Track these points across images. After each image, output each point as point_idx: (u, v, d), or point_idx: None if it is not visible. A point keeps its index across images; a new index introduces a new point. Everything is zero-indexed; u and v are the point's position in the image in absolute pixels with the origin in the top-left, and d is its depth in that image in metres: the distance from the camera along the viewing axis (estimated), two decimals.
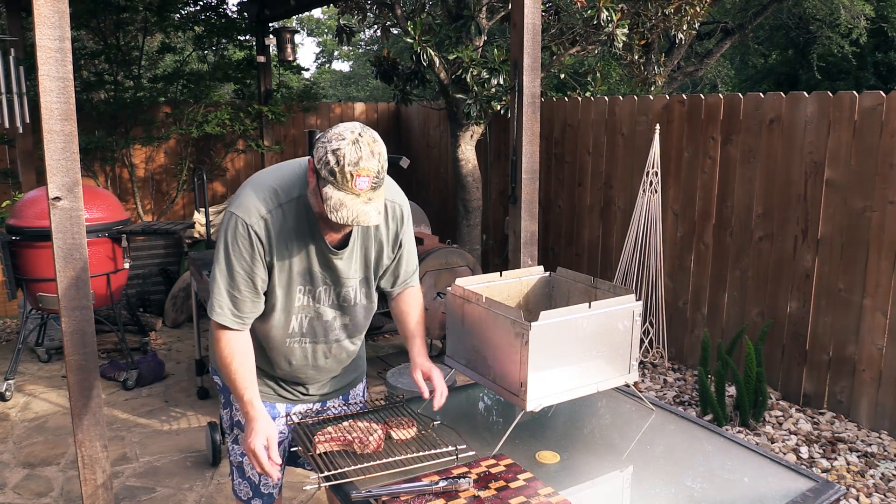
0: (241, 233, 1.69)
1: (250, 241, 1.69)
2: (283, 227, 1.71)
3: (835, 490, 1.57)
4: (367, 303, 1.92)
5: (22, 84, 4.44)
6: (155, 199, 6.94)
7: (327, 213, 1.57)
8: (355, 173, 1.55)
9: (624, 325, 1.80)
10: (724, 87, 13.46)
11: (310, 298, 1.81)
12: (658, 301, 4.49)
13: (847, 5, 10.09)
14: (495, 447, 1.71)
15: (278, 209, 1.70)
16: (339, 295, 1.84)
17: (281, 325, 1.84)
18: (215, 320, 1.75)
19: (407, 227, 1.91)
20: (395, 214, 1.86)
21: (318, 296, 1.82)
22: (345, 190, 1.56)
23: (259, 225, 1.69)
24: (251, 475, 2.03)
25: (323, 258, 1.77)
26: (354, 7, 5.84)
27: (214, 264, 1.75)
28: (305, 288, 1.79)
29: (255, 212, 1.69)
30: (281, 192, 1.71)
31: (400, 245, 1.91)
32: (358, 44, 21.24)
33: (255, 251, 1.70)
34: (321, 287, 1.81)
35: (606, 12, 4.44)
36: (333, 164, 1.55)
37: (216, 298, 1.74)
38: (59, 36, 2.03)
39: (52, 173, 2.08)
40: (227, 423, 2.07)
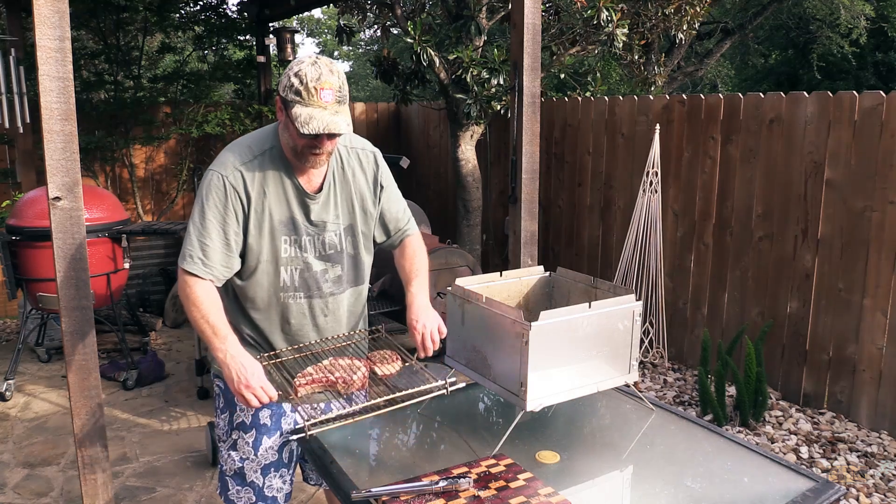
0: (215, 184, 1.76)
1: (224, 192, 1.76)
2: (259, 177, 1.79)
3: (835, 490, 1.57)
4: (354, 252, 1.94)
5: (22, 84, 4.45)
6: (155, 199, 6.94)
7: (299, 129, 1.66)
8: (319, 87, 1.67)
9: (624, 325, 1.80)
10: (724, 87, 13.46)
11: (296, 248, 1.85)
12: (658, 301, 4.49)
13: (847, 5, 10.09)
14: (495, 447, 1.71)
15: (253, 161, 1.79)
16: (323, 243, 1.88)
17: (270, 279, 1.85)
18: (183, 268, 1.75)
19: (384, 170, 1.97)
20: (369, 160, 1.95)
21: (304, 245, 1.85)
22: (312, 105, 1.67)
23: (235, 175, 1.77)
24: (254, 479, 1.97)
25: (302, 205, 1.84)
26: (354, 7, 5.84)
27: (189, 219, 1.79)
28: (291, 238, 1.84)
29: (230, 165, 1.78)
30: (255, 146, 1.81)
31: (381, 187, 1.96)
32: (358, 44, 21.25)
33: (229, 201, 1.76)
34: (305, 236, 1.85)
35: (606, 12, 4.44)
36: (297, 84, 1.67)
37: (186, 247, 1.76)
38: (59, 36, 2.03)
39: (52, 173, 2.08)
40: (224, 429, 2.00)
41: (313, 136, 1.70)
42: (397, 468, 1.69)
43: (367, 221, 1.95)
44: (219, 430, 2.03)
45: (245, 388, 1.63)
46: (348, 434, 1.89)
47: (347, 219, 1.91)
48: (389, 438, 1.91)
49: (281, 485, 1.99)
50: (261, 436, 1.94)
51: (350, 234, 1.92)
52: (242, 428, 1.95)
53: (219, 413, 2.02)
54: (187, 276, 1.76)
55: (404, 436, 1.92)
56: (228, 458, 1.98)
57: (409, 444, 1.88)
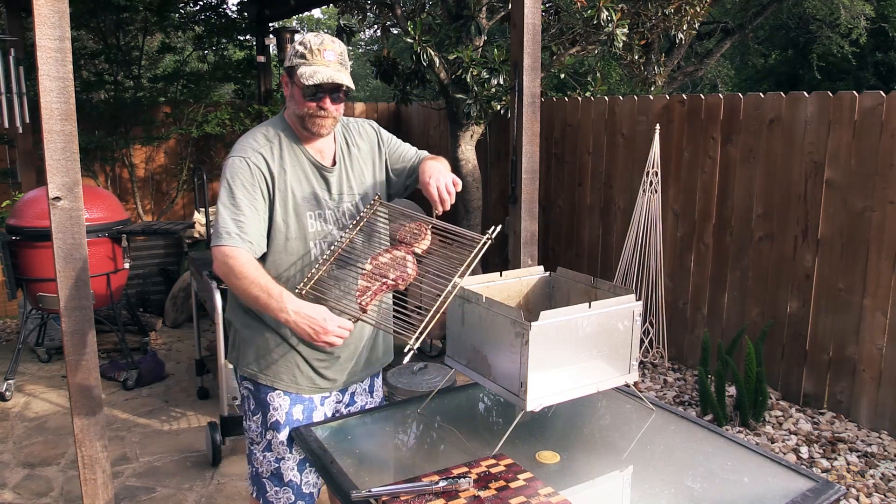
0: (239, 166, 1.83)
1: (250, 171, 1.82)
2: (278, 158, 1.87)
3: (835, 490, 1.57)
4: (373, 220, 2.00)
5: (22, 84, 4.44)
6: (155, 199, 6.94)
7: (304, 83, 1.78)
8: (322, 48, 1.81)
9: (624, 325, 1.80)
10: (724, 87, 13.46)
11: (321, 222, 1.92)
12: (658, 301, 4.49)
13: (847, 5, 10.09)
14: (495, 447, 1.71)
15: (268, 144, 1.88)
16: (343, 214, 1.96)
17: (301, 254, 1.90)
18: (223, 244, 1.76)
19: (383, 133, 2.09)
20: (367, 130, 2.07)
21: (328, 218, 1.93)
22: (315, 63, 1.80)
23: (256, 157, 1.84)
24: (292, 477, 1.97)
25: (321, 179, 1.93)
26: (354, 7, 5.84)
27: (218, 204, 1.83)
28: (315, 213, 1.91)
29: (249, 149, 1.86)
30: (268, 133, 1.90)
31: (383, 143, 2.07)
32: (358, 44, 21.25)
33: (255, 180, 1.82)
34: (327, 210, 1.93)
35: (606, 12, 4.44)
36: (301, 49, 1.81)
37: (219, 227, 1.79)
38: (59, 36, 2.03)
39: (52, 173, 2.08)
40: (258, 430, 1.99)
41: (318, 95, 1.81)
42: (397, 468, 1.69)
43: (379, 186, 2.05)
44: (251, 433, 2.01)
45: (325, 335, 1.67)
46: (348, 434, 1.89)
47: (361, 188, 2.00)
48: (389, 438, 1.91)
49: (315, 479, 2.03)
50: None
51: (366, 201, 2.00)
52: (276, 427, 1.96)
53: (249, 416, 2.01)
54: (225, 250, 1.76)
55: (404, 436, 1.92)
56: (264, 459, 1.99)
57: (409, 444, 1.88)
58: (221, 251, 1.77)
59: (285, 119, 1.93)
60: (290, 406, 1.97)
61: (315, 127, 1.87)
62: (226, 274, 1.77)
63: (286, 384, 1.96)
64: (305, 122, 1.87)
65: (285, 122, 1.93)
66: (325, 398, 2.03)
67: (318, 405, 2.01)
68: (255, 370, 1.97)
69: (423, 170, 1.92)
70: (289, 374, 1.97)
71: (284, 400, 1.97)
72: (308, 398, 1.99)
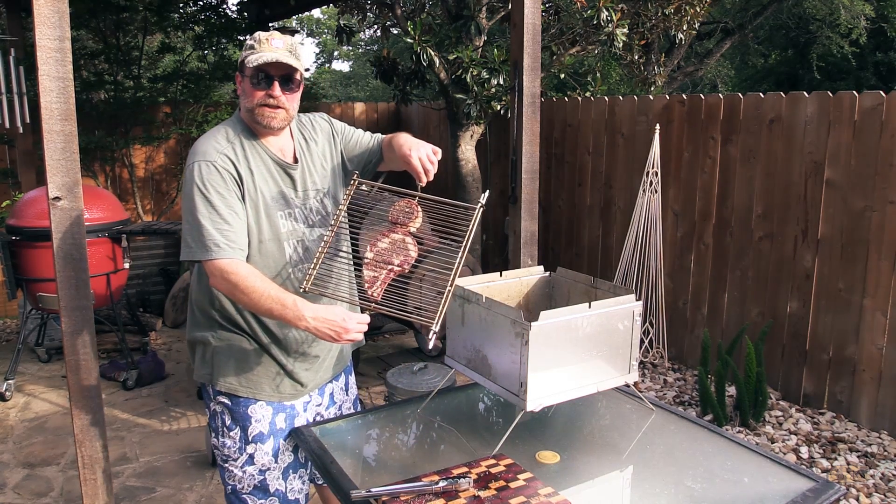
0: (207, 171, 1.75)
1: (221, 176, 1.75)
2: (243, 159, 1.81)
3: (835, 490, 1.57)
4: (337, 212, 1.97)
5: (22, 84, 4.44)
6: (155, 199, 6.94)
7: (250, 65, 1.75)
8: (270, 38, 1.79)
9: (624, 325, 1.80)
10: (724, 87, 13.46)
11: (292, 221, 1.87)
12: (658, 301, 4.49)
13: (847, 5, 10.09)
14: (495, 447, 1.71)
15: (230, 145, 1.81)
16: (311, 210, 1.92)
17: (275, 256, 1.86)
18: (215, 258, 1.69)
19: (335, 123, 2.06)
20: (320, 124, 2.03)
21: (297, 216, 1.89)
22: (263, 50, 1.77)
23: (223, 159, 1.77)
24: (277, 487, 1.93)
25: (286, 177, 1.88)
26: (354, 7, 5.84)
27: (188, 214, 1.73)
28: (285, 212, 1.86)
29: (212, 151, 1.78)
30: (228, 134, 1.84)
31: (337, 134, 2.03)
32: (358, 44, 21.24)
33: (227, 183, 1.76)
34: (296, 208, 1.89)
35: (606, 12, 4.44)
36: (251, 42, 1.80)
37: (206, 239, 1.70)
38: (59, 36, 2.03)
39: (52, 173, 2.07)
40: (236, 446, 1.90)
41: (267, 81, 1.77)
42: (397, 468, 1.69)
43: (337, 179, 2.01)
44: (226, 450, 1.91)
45: (346, 334, 1.66)
46: (348, 434, 1.89)
47: (324, 182, 1.96)
48: (389, 438, 1.91)
49: (301, 486, 1.99)
50: (277, 440, 1.92)
51: (330, 196, 1.97)
52: (260, 439, 1.90)
53: (224, 432, 1.91)
54: (220, 264, 1.70)
55: (404, 436, 1.92)
56: (245, 475, 1.91)
57: (409, 444, 1.88)
58: (217, 266, 1.70)
59: (241, 119, 1.87)
60: (273, 415, 1.91)
61: (265, 119, 1.80)
62: (230, 290, 1.71)
63: (268, 394, 1.90)
64: (255, 115, 1.80)
65: (242, 123, 1.87)
66: (307, 403, 1.99)
67: (301, 411, 1.97)
68: (235, 384, 1.89)
69: (400, 144, 1.87)
70: (270, 384, 1.91)
71: (267, 410, 1.90)
72: (290, 405, 1.94)
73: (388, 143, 1.99)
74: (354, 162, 2.04)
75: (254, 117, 1.81)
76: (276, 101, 1.79)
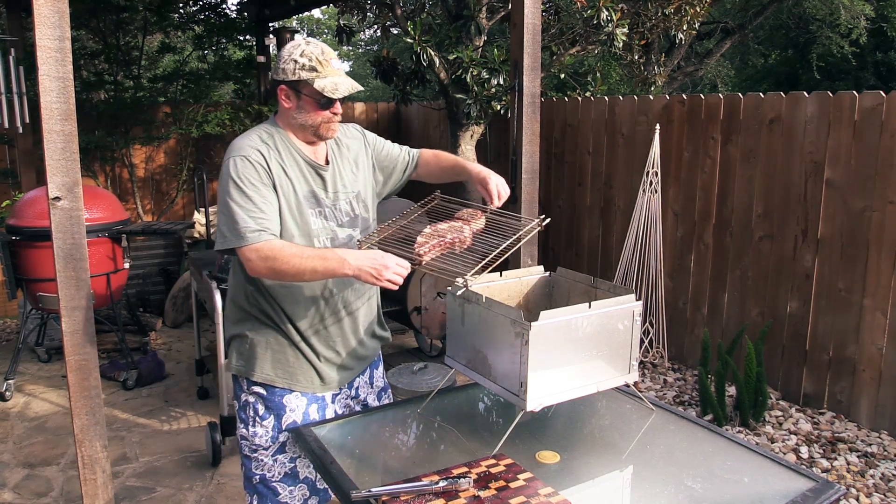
0: (242, 165, 1.82)
1: (255, 168, 1.82)
2: (276, 158, 1.88)
3: (835, 490, 1.57)
4: (366, 216, 2.06)
5: (22, 84, 4.44)
6: (155, 199, 6.94)
7: (330, 96, 1.83)
8: (327, 59, 1.86)
9: (624, 325, 1.80)
10: (724, 87, 13.45)
11: (322, 219, 1.94)
12: (658, 301, 4.49)
13: (847, 5, 10.09)
14: (495, 447, 1.71)
15: (264, 144, 1.88)
16: (340, 211, 1.99)
17: None
18: (249, 243, 1.75)
19: (368, 134, 2.16)
20: (352, 132, 2.12)
21: (328, 214, 1.96)
22: (329, 74, 1.85)
23: (257, 155, 1.84)
24: (307, 474, 2.03)
25: (318, 178, 1.95)
26: (354, 7, 5.84)
27: (224, 206, 1.80)
28: (315, 210, 1.94)
29: (248, 147, 1.85)
30: (261, 134, 1.91)
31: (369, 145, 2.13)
32: (358, 44, 21.24)
33: (261, 176, 1.83)
34: (327, 206, 1.96)
35: (606, 12, 4.44)
36: (308, 61, 1.84)
37: (241, 227, 1.76)
38: (59, 36, 2.03)
39: (52, 173, 2.07)
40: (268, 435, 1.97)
41: (332, 103, 1.87)
42: (397, 468, 1.69)
43: (368, 185, 2.09)
44: (257, 440, 1.98)
45: (385, 271, 1.72)
46: (348, 434, 1.89)
47: (354, 186, 2.03)
48: (389, 438, 1.91)
49: None
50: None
51: (360, 199, 2.04)
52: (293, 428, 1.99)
53: (257, 422, 1.99)
54: (256, 247, 1.76)
55: (404, 436, 1.92)
56: (275, 463, 1.99)
57: (409, 444, 1.88)
58: (252, 249, 1.76)
59: (278, 124, 1.94)
60: (307, 406, 2.01)
61: (329, 133, 1.93)
62: (270, 268, 1.76)
63: (303, 385, 1.99)
64: (320, 130, 1.91)
65: (278, 126, 1.94)
66: (336, 395, 2.09)
67: (330, 402, 2.06)
68: (271, 374, 1.97)
69: (478, 171, 2.07)
70: (304, 375, 1.99)
71: (301, 401, 2.00)
72: (321, 396, 2.03)
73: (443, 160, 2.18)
74: (386, 172, 2.15)
75: (317, 132, 1.92)
76: (338, 117, 1.92)
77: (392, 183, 2.18)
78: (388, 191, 2.19)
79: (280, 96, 1.90)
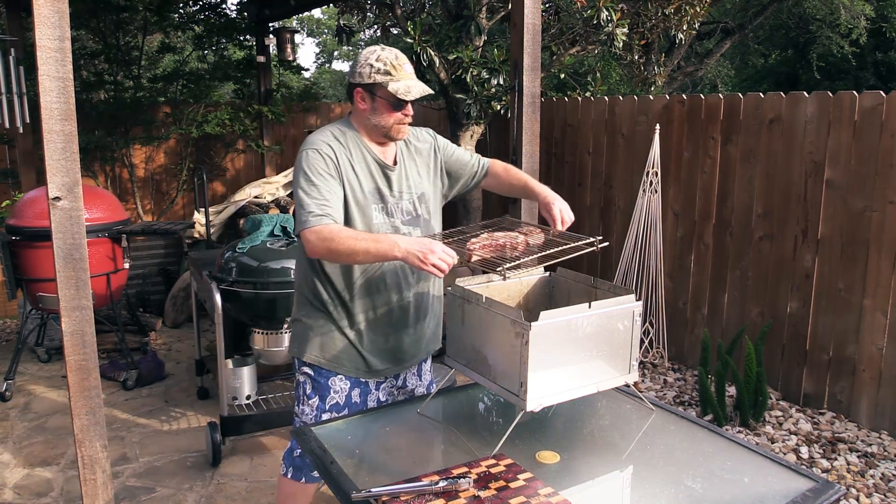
0: (313, 157, 1.96)
1: (325, 161, 1.96)
2: (345, 154, 2.01)
3: (835, 490, 1.57)
4: (428, 217, 2.16)
5: (22, 84, 4.44)
6: (155, 199, 6.94)
7: (403, 97, 1.95)
8: (401, 63, 1.99)
9: (624, 325, 1.80)
10: (724, 87, 13.46)
11: (385, 215, 2.06)
12: (658, 301, 4.49)
13: (847, 5, 10.09)
14: (495, 447, 1.71)
15: (336, 141, 2.02)
16: (403, 210, 2.10)
17: None
18: (310, 226, 1.87)
19: (439, 138, 2.26)
20: (422, 135, 2.22)
21: (390, 210, 2.07)
22: (403, 78, 1.98)
23: (325, 148, 1.98)
24: None
25: (384, 176, 2.07)
26: (354, 7, 5.84)
27: (296, 196, 1.94)
28: (379, 206, 2.05)
29: (320, 142, 2.00)
30: (334, 131, 2.05)
31: (439, 149, 2.22)
32: (358, 44, 21.21)
33: (330, 168, 1.96)
34: (391, 202, 2.07)
35: (606, 12, 4.44)
36: (383, 66, 1.97)
37: (304, 212, 1.89)
38: (59, 36, 2.03)
39: (52, 173, 2.08)
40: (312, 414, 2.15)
41: (404, 105, 1.99)
42: (397, 468, 1.69)
43: (434, 187, 2.19)
44: (304, 417, 2.17)
45: (431, 255, 1.78)
46: (348, 434, 1.89)
47: (418, 187, 2.14)
48: (389, 438, 1.91)
49: None
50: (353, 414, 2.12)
51: (423, 201, 2.14)
52: (336, 409, 2.14)
53: (305, 400, 2.18)
54: (315, 230, 1.87)
55: (404, 436, 1.92)
56: None
57: (409, 444, 1.88)
58: (312, 231, 1.87)
59: (352, 124, 2.07)
60: (349, 389, 2.15)
61: (400, 134, 2.05)
62: (326, 248, 1.87)
63: (347, 369, 2.13)
64: (391, 132, 2.03)
65: (351, 125, 2.07)
66: (381, 383, 2.20)
67: (374, 390, 2.18)
68: (319, 357, 2.13)
69: (542, 193, 2.16)
70: (349, 361, 2.13)
71: (344, 384, 2.14)
72: (365, 382, 2.16)
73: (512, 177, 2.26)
74: (454, 177, 2.26)
75: (389, 134, 2.04)
76: (408, 120, 2.03)
77: (459, 187, 2.28)
78: (454, 194, 2.30)
79: (356, 98, 2.02)
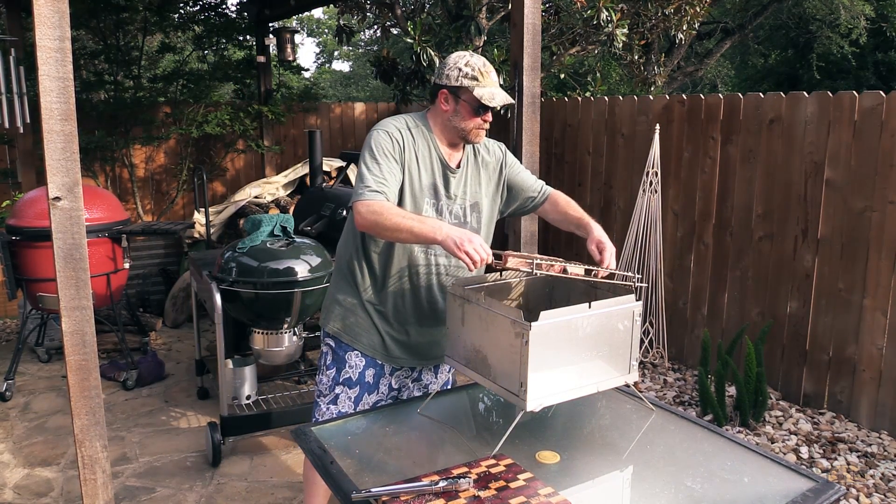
0: (382, 137, 2.02)
1: (391, 142, 2.01)
2: (412, 144, 2.06)
3: (835, 490, 1.57)
4: (477, 227, 2.18)
5: (22, 84, 4.44)
6: (155, 199, 6.94)
7: (487, 104, 2.01)
8: (487, 71, 2.05)
9: (624, 325, 1.80)
10: (724, 87, 13.46)
11: (434, 212, 2.09)
12: (658, 301, 4.49)
13: (847, 5, 10.10)
14: (495, 447, 1.71)
15: (407, 131, 2.07)
16: (453, 213, 2.13)
17: None
18: (363, 199, 1.92)
19: (508, 155, 2.29)
20: (494, 149, 2.26)
21: (441, 209, 2.10)
22: (488, 84, 2.04)
23: (395, 133, 2.04)
24: None
25: (443, 176, 2.11)
26: (354, 7, 5.84)
27: (359, 170, 2.00)
28: (431, 201, 2.09)
29: (392, 126, 2.06)
30: (409, 121, 2.10)
31: (506, 166, 2.25)
32: (358, 44, 21.24)
33: (395, 149, 2.01)
34: (443, 201, 2.11)
35: (606, 12, 4.45)
36: (471, 71, 2.03)
37: (361, 185, 1.94)
38: (59, 36, 2.03)
39: (52, 173, 2.08)
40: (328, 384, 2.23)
41: (485, 111, 2.05)
42: (397, 468, 1.69)
43: (491, 201, 2.22)
44: (321, 386, 2.26)
45: (467, 244, 1.80)
46: (348, 434, 1.89)
47: (474, 196, 2.17)
48: (390, 439, 1.91)
49: None
50: (363, 392, 2.22)
51: (475, 210, 2.17)
52: (348, 384, 2.21)
53: (324, 370, 2.26)
54: (366, 202, 1.91)
55: (404, 436, 1.92)
56: (327, 411, 2.23)
57: (409, 444, 1.88)
58: (363, 203, 1.91)
59: (427, 119, 2.12)
60: (364, 367, 2.20)
61: (478, 138, 2.10)
62: (374, 221, 1.90)
63: (363, 346, 2.19)
64: (469, 135, 2.08)
65: (426, 121, 2.12)
66: (396, 370, 2.25)
67: (388, 374, 2.23)
68: (339, 329, 2.20)
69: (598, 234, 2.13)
70: (367, 337, 2.18)
71: (360, 360, 2.20)
72: (381, 364, 2.21)
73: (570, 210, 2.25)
74: (513, 195, 2.29)
75: (467, 136, 2.09)
76: (487, 126, 2.09)
77: (516, 206, 2.30)
78: (510, 212, 2.33)
79: (439, 99, 2.07)
